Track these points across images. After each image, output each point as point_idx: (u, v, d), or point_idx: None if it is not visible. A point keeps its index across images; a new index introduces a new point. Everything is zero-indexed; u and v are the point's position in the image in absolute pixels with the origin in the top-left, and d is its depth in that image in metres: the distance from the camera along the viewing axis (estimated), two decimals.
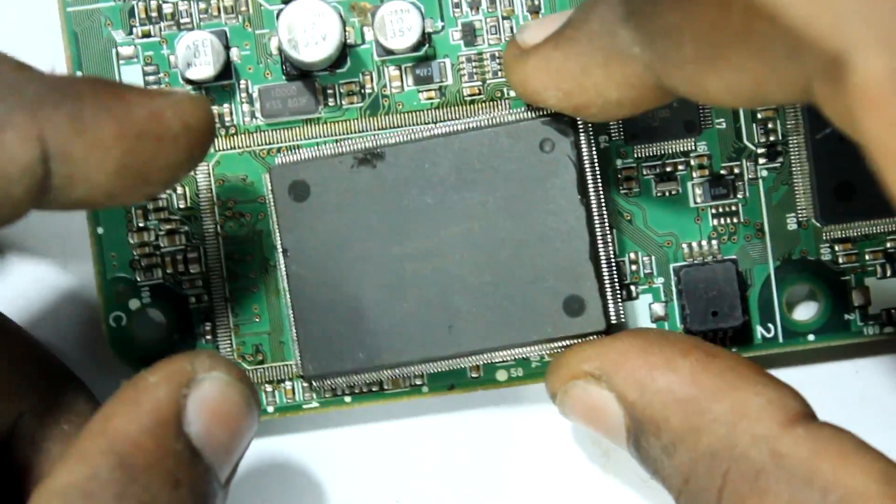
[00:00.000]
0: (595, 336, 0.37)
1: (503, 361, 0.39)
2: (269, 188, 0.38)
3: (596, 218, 0.37)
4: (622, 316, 0.37)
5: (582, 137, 0.37)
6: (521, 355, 0.37)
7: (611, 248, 0.37)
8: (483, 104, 0.39)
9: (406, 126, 0.39)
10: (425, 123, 0.39)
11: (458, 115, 0.39)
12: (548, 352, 0.37)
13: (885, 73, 0.23)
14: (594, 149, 0.37)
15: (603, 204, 0.37)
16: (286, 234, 0.38)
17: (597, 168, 0.37)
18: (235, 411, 0.34)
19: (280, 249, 0.38)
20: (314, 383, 0.38)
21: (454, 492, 0.41)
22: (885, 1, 0.23)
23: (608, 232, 0.37)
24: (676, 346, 0.34)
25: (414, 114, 0.40)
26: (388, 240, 0.37)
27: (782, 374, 0.40)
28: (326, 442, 0.41)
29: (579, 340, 0.37)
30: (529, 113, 0.37)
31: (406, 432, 0.41)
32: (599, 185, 0.37)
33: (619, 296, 0.37)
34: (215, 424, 0.33)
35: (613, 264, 0.37)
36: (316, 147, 0.38)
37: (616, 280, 0.37)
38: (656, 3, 0.31)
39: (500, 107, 0.39)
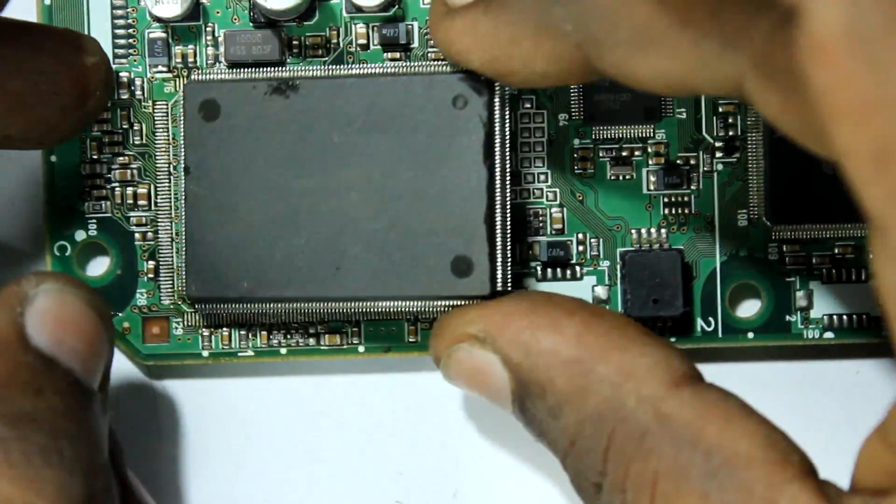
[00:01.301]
0: (478, 301, 0.36)
1: (386, 316, 0.39)
2: (182, 104, 0.38)
3: (498, 182, 0.36)
4: (509, 284, 0.37)
5: (497, 99, 0.37)
6: (405, 309, 0.37)
7: (508, 214, 0.37)
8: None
9: (372, 71, 0.38)
10: (391, 69, 0.39)
11: (425, 66, 0.39)
12: (432, 309, 0.37)
13: (840, 25, 0.23)
14: (507, 112, 0.37)
15: (508, 168, 0.37)
16: (190, 152, 0.38)
17: (507, 131, 0.37)
18: (77, 314, 0.34)
19: (182, 167, 0.38)
20: (197, 306, 0.38)
21: (454, 492, 0.41)
22: None
23: (508, 197, 0.37)
24: (562, 307, 0.34)
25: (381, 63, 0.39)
26: (289, 172, 0.37)
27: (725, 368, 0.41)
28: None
29: (462, 302, 0.36)
30: (448, 67, 0.37)
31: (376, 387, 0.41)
32: (507, 148, 0.37)
33: (508, 263, 0.37)
34: (60, 330, 0.34)
35: (508, 231, 0.37)
36: (234, 70, 0.38)
37: (509, 248, 0.37)
38: None
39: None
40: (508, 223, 0.37)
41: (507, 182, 0.37)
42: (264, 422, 0.41)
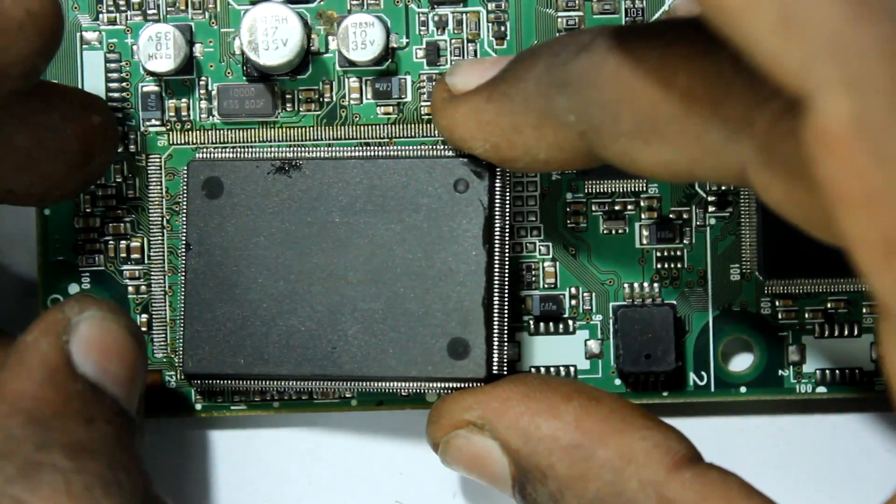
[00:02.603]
0: (474, 383, 0.36)
1: (384, 391, 0.39)
2: (185, 181, 0.38)
3: (497, 266, 0.37)
4: (505, 368, 0.37)
5: (497, 182, 0.37)
6: (402, 390, 0.37)
7: (506, 299, 0.37)
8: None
9: (360, 138, 0.39)
10: (380, 137, 0.39)
11: (413, 133, 0.39)
12: (428, 390, 0.37)
13: (848, 116, 0.23)
14: (508, 195, 0.37)
15: (507, 252, 0.37)
16: (192, 229, 0.38)
17: (507, 215, 0.37)
18: (120, 342, 0.34)
19: (183, 243, 0.38)
20: (194, 382, 0.38)
21: (454, 492, 0.41)
22: (855, 44, 0.23)
23: (506, 281, 0.37)
24: (559, 391, 0.34)
25: (370, 127, 0.40)
26: (290, 251, 0.37)
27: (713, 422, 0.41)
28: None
29: (458, 384, 0.37)
30: (450, 150, 0.37)
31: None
32: (507, 232, 0.37)
33: (505, 347, 0.37)
34: (105, 358, 0.34)
35: (506, 315, 0.37)
36: (239, 149, 0.38)
37: (505, 332, 0.37)
38: (597, 75, 0.31)
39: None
40: (506, 306, 0.37)
41: (507, 265, 0.37)
42: (262, 427, 0.41)
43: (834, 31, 0.23)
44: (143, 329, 0.40)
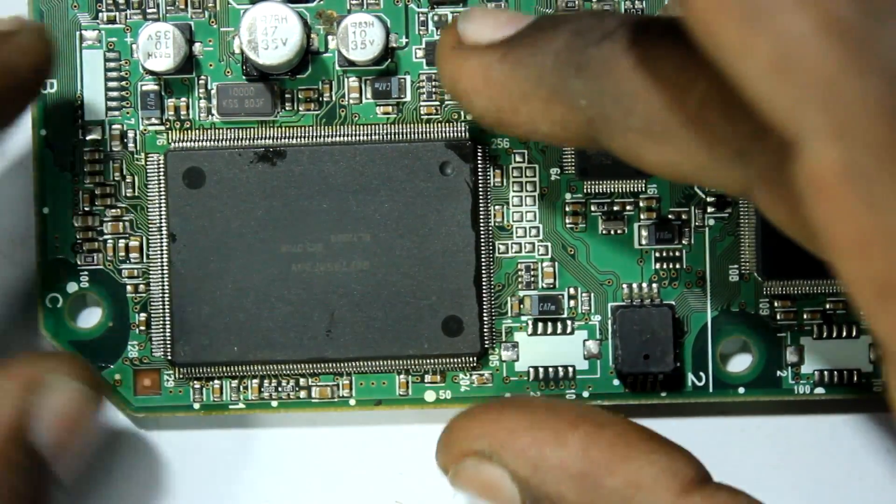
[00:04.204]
0: (467, 357, 0.38)
1: (380, 371, 0.40)
2: (164, 171, 0.38)
3: (483, 245, 0.38)
4: (494, 342, 0.39)
5: (481, 165, 0.38)
6: (398, 368, 0.39)
7: (493, 276, 0.39)
8: (437, 124, 0.39)
9: (359, 137, 0.39)
10: (379, 137, 0.39)
11: (412, 133, 0.39)
12: (421, 367, 0.39)
13: (836, 164, 0.23)
14: (490, 176, 0.38)
15: (492, 231, 0.39)
16: (175, 219, 0.38)
17: (490, 196, 0.38)
18: (83, 417, 0.33)
19: (166, 233, 0.38)
20: (182, 370, 0.39)
21: (454, 492, 0.41)
22: (847, 94, 0.23)
23: (492, 260, 0.39)
24: (564, 418, 0.33)
25: (369, 126, 0.39)
26: (277, 237, 0.38)
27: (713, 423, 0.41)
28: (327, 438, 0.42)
29: (454, 360, 0.38)
30: (435, 133, 0.38)
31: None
32: (492, 212, 0.39)
33: (494, 320, 0.39)
34: (64, 432, 0.33)
35: (493, 290, 0.39)
36: (217, 137, 0.39)
37: (493, 307, 0.39)
38: (615, 66, 0.31)
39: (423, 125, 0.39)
40: (492, 283, 0.38)
41: (492, 243, 0.38)
42: (261, 426, 0.41)
43: (827, 78, 0.23)
44: (142, 327, 0.40)
